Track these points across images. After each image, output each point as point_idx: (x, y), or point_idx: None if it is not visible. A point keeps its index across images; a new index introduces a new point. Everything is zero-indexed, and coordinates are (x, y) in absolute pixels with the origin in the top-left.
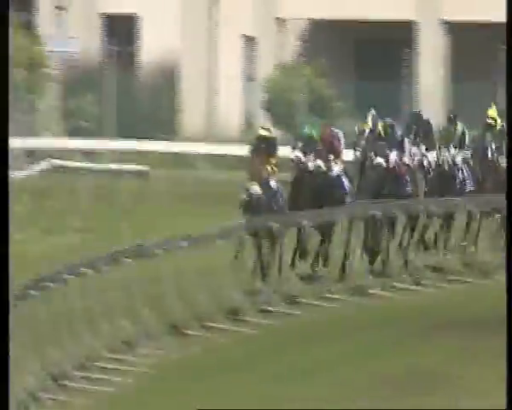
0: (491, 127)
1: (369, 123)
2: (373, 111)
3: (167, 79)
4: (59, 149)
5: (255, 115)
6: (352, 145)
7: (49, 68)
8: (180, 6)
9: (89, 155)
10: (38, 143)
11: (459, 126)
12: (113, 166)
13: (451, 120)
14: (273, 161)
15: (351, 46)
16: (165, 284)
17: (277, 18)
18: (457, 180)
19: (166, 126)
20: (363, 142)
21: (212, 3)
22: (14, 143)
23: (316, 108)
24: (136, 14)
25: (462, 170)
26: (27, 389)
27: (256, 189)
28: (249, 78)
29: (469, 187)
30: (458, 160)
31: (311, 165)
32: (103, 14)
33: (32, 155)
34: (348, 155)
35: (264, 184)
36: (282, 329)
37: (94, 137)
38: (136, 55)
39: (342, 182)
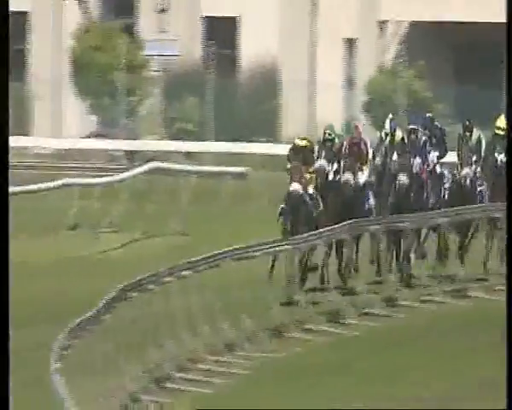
0: (499, 138)
1: (387, 129)
2: (391, 116)
3: (267, 82)
4: (160, 152)
5: (356, 117)
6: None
7: (150, 72)
8: (280, 10)
9: (190, 157)
10: (140, 145)
11: (474, 134)
12: (214, 168)
13: (467, 127)
14: (310, 169)
15: (450, 49)
16: (264, 286)
17: (378, 21)
18: (477, 192)
19: (266, 129)
20: (378, 159)
21: (313, 7)
22: (116, 145)
23: (415, 111)
24: (236, 17)
25: (480, 181)
26: (128, 390)
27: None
28: (349, 80)
29: (486, 198)
30: (478, 171)
31: (339, 177)
32: (204, 17)
33: (134, 158)
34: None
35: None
36: (381, 331)
37: (195, 139)
38: (236, 58)
39: (368, 195)
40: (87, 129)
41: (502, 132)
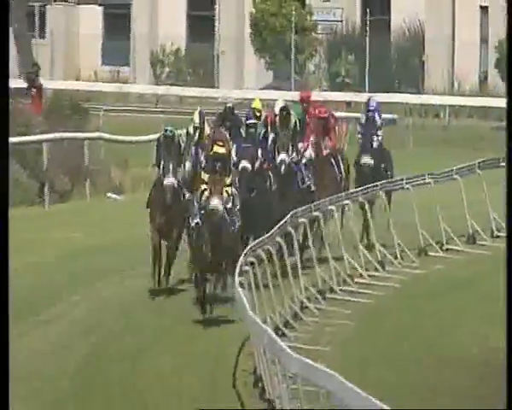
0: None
1: (197, 122)
2: (199, 109)
3: (414, 42)
4: (324, 102)
5: (488, 73)
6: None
7: (317, 34)
8: None
9: (350, 105)
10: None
11: (292, 118)
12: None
13: (283, 113)
14: (228, 181)
15: None
16: (412, 213)
17: None
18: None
19: (413, 82)
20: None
21: None
22: (287, 95)
23: None
24: None
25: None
26: (298, 299)
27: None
28: (484, 41)
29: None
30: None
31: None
32: None
33: None
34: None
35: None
36: None
37: (353, 91)
38: (388, 22)
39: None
40: (264, 82)
41: (258, 114)
